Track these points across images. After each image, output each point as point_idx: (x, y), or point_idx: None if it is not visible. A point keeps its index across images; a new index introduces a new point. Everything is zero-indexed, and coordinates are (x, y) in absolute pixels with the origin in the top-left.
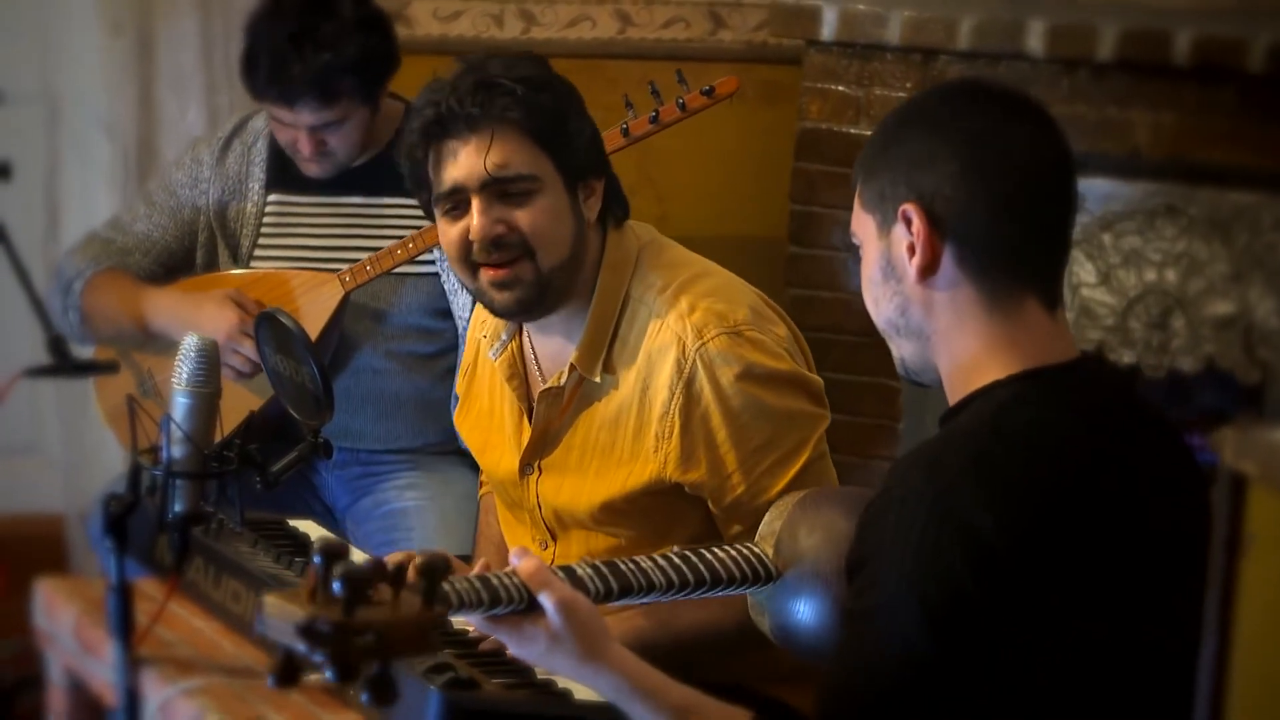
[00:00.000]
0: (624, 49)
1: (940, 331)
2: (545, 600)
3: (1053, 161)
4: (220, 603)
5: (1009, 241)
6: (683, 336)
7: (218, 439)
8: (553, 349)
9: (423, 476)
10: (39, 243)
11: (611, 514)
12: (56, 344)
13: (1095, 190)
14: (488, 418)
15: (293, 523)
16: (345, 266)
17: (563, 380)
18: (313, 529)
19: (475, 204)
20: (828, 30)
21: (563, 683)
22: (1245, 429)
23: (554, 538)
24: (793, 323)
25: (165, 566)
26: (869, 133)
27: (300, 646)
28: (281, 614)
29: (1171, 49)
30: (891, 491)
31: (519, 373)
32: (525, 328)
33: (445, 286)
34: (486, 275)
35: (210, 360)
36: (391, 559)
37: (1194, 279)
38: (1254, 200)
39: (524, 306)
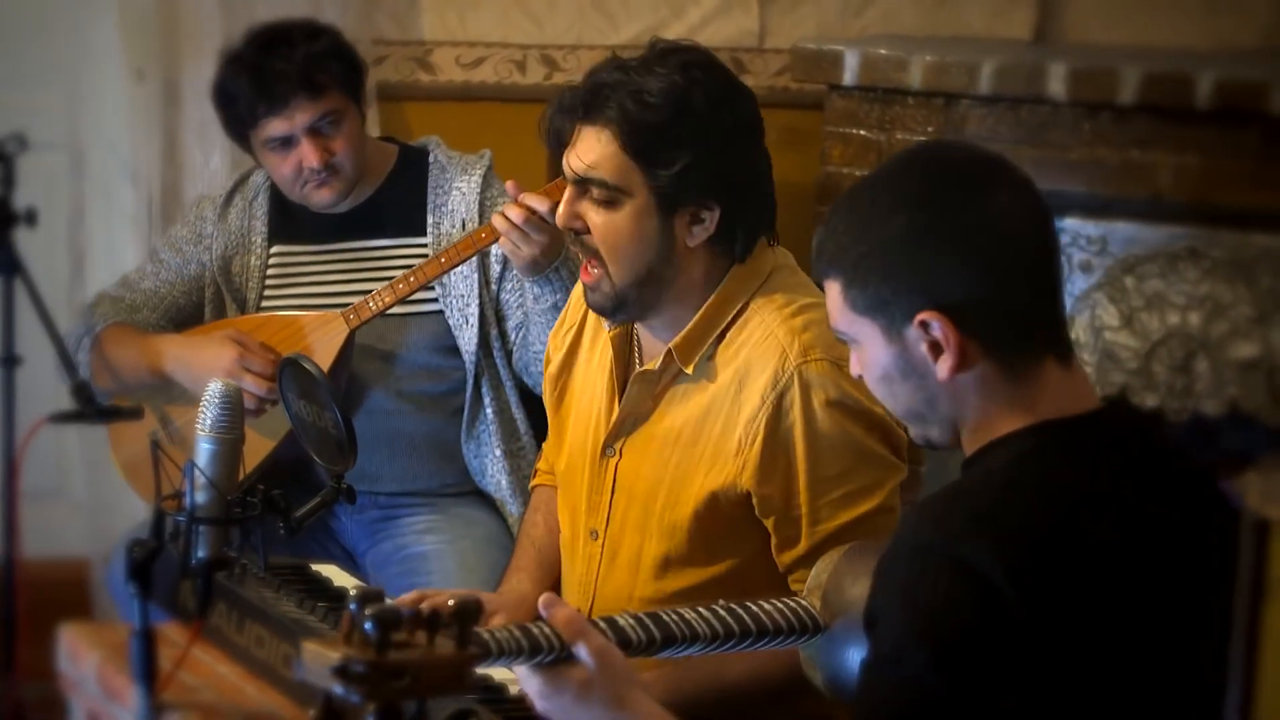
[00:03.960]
0: None
1: (969, 410)
2: (581, 649)
3: (1036, 217)
4: (244, 648)
5: (1023, 316)
6: (787, 349)
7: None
8: (656, 330)
9: (441, 519)
10: (64, 289)
11: (676, 517)
12: (80, 390)
13: (1118, 233)
14: (580, 384)
15: (316, 567)
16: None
17: (658, 365)
18: (336, 574)
19: (568, 191)
20: (849, 75)
21: None
22: (1270, 473)
23: (606, 530)
24: None
25: (189, 611)
26: None
27: (337, 688)
28: (318, 659)
29: (1193, 92)
30: (903, 543)
31: (627, 347)
32: None
33: (450, 322)
34: (582, 273)
35: (234, 406)
36: (404, 600)
37: (1217, 322)
38: (1277, 242)
39: (602, 310)
